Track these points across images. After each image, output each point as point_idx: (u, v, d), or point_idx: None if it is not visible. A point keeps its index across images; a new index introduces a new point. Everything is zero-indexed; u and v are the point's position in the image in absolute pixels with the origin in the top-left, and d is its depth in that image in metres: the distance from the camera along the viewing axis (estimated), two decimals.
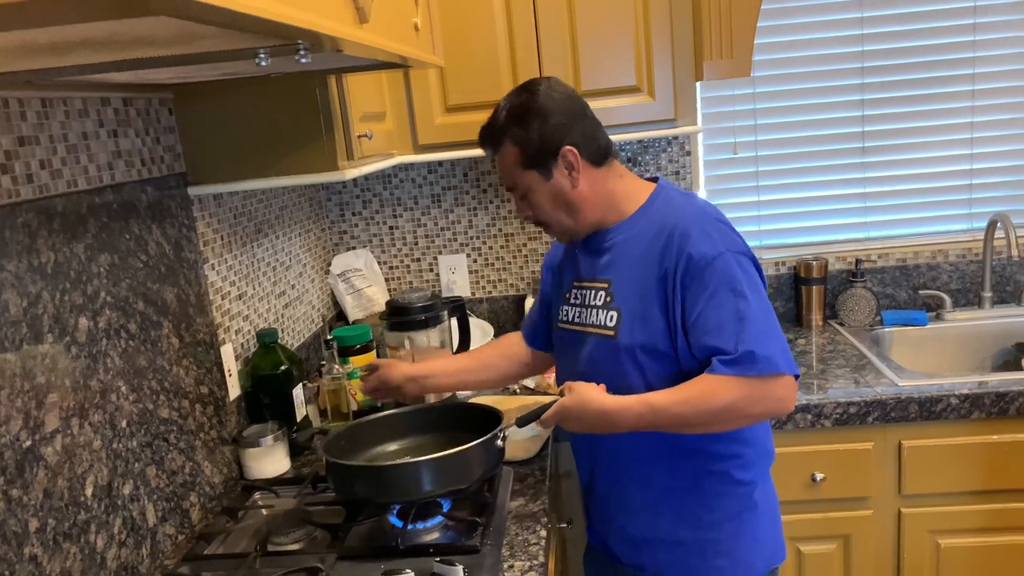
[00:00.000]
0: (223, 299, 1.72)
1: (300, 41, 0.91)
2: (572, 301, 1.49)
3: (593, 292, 1.45)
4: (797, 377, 1.32)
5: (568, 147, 1.37)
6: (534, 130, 1.36)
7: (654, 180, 1.47)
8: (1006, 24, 2.31)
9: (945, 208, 2.46)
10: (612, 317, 1.39)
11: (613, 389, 1.35)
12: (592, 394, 1.33)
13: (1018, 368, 2.21)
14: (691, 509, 1.41)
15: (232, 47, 0.89)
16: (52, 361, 1.17)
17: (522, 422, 1.44)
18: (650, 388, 1.34)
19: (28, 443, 1.10)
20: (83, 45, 0.77)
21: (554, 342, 1.59)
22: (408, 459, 1.40)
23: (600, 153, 1.41)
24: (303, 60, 0.98)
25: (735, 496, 1.40)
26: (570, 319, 1.49)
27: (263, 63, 0.98)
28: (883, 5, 2.33)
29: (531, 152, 1.37)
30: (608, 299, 1.41)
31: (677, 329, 1.33)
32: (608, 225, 1.42)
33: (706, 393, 1.27)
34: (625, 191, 1.43)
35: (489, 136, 1.42)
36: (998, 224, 2.26)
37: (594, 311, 1.43)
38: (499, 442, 1.41)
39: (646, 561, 1.46)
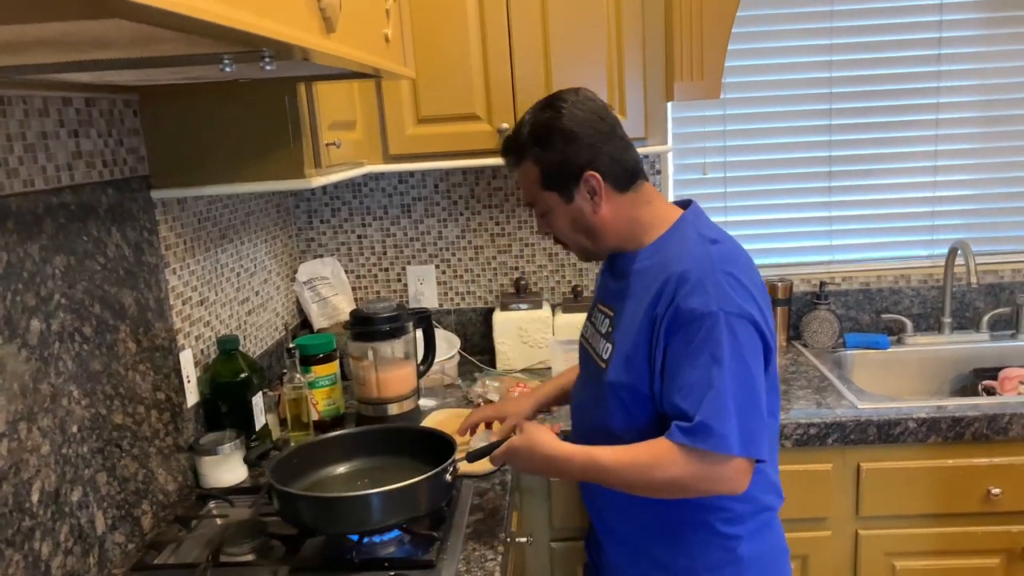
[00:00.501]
0: (184, 304, 1.69)
1: (264, 49, 0.90)
2: (591, 319, 1.49)
3: (602, 317, 1.43)
4: (759, 460, 1.24)
5: (591, 172, 1.31)
6: (557, 152, 1.31)
7: (687, 204, 1.40)
8: (970, 56, 2.36)
9: (908, 234, 2.50)
10: (607, 349, 1.38)
11: (598, 421, 1.35)
12: (543, 438, 1.32)
13: (975, 393, 2.25)
14: (669, 554, 1.38)
15: (193, 51, 0.88)
16: (1, 364, 1.14)
17: (472, 458, 1.45)
18: (634, 425, 1.31)
19: None
20: (38, 44, 0.76)
21: (579, 353, 1.57)
22: (356, 491, 1.36)
23: (626, 178, 1.35)
24: (268, 68, 0.97)
25: (718, 548, 1.35)
26: (587, 337, 1.50)
27: (227, 69, 0.97)
28: (851, 33, 2.37)
29: (552, 174, 1.33)
30: (609, 329, 1.39)
31: (656, 376, 1.28)
32: (631, 248, 1.37)
33: (653, 461, 1.23)
34: (650, 219, 1.36)
35: (511, 150, 1.39)
36: (958, 251, 2.30)
37: (598, 337, 1.43)
38: (447, 476, 1.40)
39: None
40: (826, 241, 2.52)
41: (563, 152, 1.31)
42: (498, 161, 2.01)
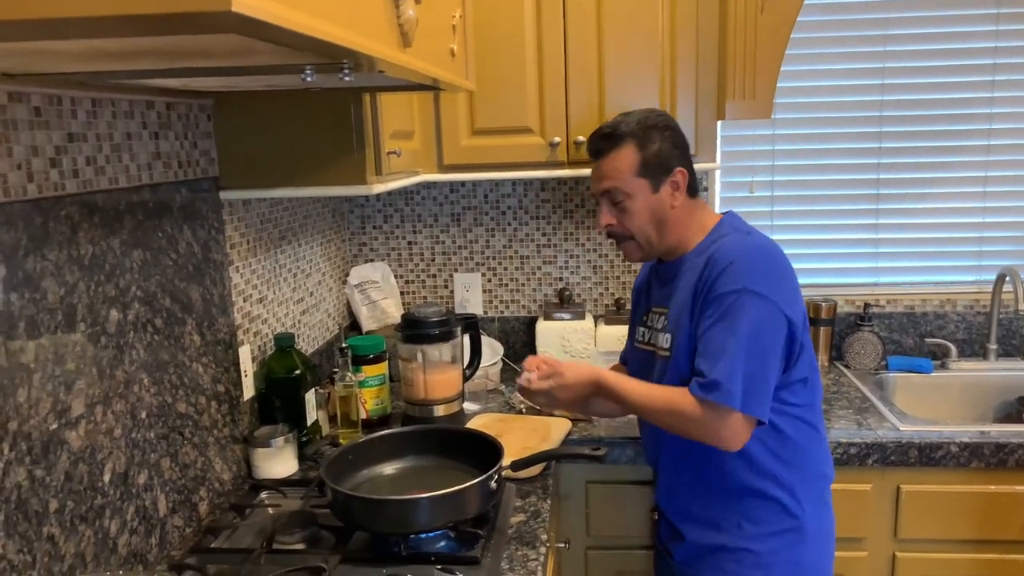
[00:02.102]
0: (245, 301, 1.76)
1: (345, 60, 0.96)
2: (647, 323, 1.62)
3: (658, 317, 1.58)
4: (760, 422, 1.41)
5: (681, 169, 1.51)
6: (659, 143, 1.50)
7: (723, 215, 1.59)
8: None
9: (955, 259, 2.50)
10: (667, 339, 1.52)
11: None
12: (575, 370, 1.54)
13: (1019, 421, 2.23)
14: (734, 518, 1.51)
15: (283, 62, 0.94)
16: (82, 349, 1.21)
17: (517, 467, 1.51)
18: None
19: (54, 426, 1.15)
20: (147, 53, 0.82)
21: (629, 360, 1.72)
22: (406, 495, 1.43)
23: (695, 187, 1.56)
24: (346, 78, 1.03)
25: (781, 515, 1.49)
26: (644, 340, 1.62)
27: (308, 79, 1.03)
28: (904, 57, 2.38)
29: (651, 161, 1.50)
30: (665, 323, 1.54)
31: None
32: (678, 254, 1.54)
33: (668, 402, 1.43)
34: (700, 224, 1.54)
35: (609, 135, 1.52)
36: (1007, 278, 2.29)
37: (657, 334, 1.57)
38: (492, 484, 1.45)
39: (689, 559, 1.57)
40: (872, 263, 2.52)
41: (664, 145, 1.50)
42: (549, 173, 2.09)
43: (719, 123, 2.22)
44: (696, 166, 2.06)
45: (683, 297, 1.49)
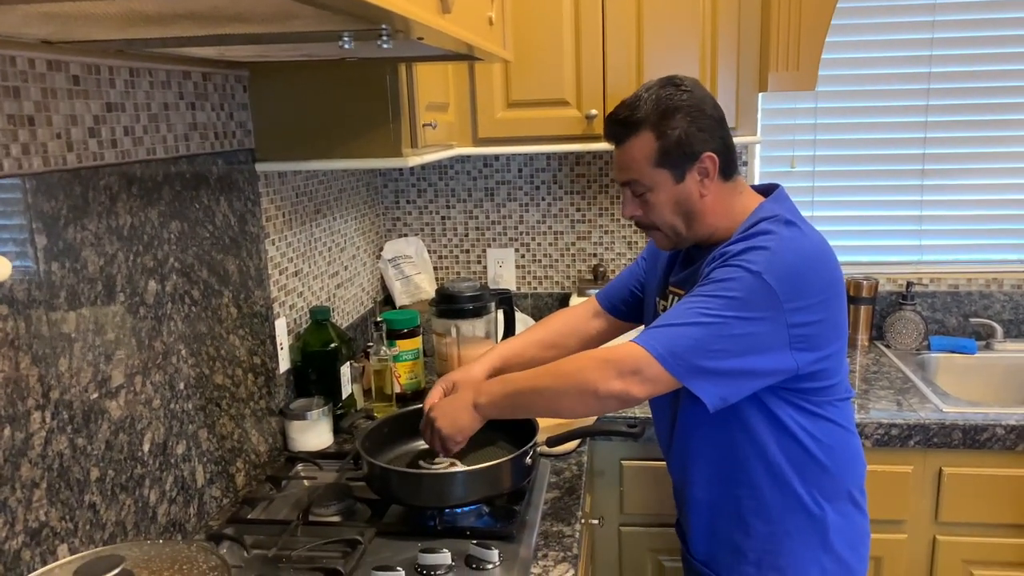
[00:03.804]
0: (280, 274, 1.76)
1: (384, 26, 0.94)
2: (666, 299, 1.49)
3: (675, 299, 1.45)
4: (667, 368, 1.21)
5: (709, 153, 1.31)
6: (679, 128, 1.30)
7: (771, 188, 1.41)
8: None
9: (1002, 236, 2.42)
10: None
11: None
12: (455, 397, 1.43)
13: None
14: (752, 518, 1.40)
15: (321, 28, 0.92)
16: (122, 320, 1.22)
17: (552, 442, 1.48)
18: None
19: (95, 396, 1.16)
20: (185, 17, 0.81)
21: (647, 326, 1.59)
22: (442, 469, 1.43)
23: (732, 167, 1.36)
24: (384, 46, 1.01)
25: (803, 514, 1.37)
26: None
27: (346, 46, 1.02)
28: (954, 27, 2.30)
29: (670, 150, 1.31)
30: None
31: None
32: (712, 242, 1.37)
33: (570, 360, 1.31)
34: (740, 209, 1.36)
35: (623, 123, 1.34)
36: None
37: None
38: (528, 459, 1.43)
39: (710, 560, 1.47)
40: (915, 241, 2.46)
41: (686, 129, 1.30)
42: (585, 147, 2.05)
43: (760, 95, 2.17)
44: (736, 139, 2.03)
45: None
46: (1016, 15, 2.27)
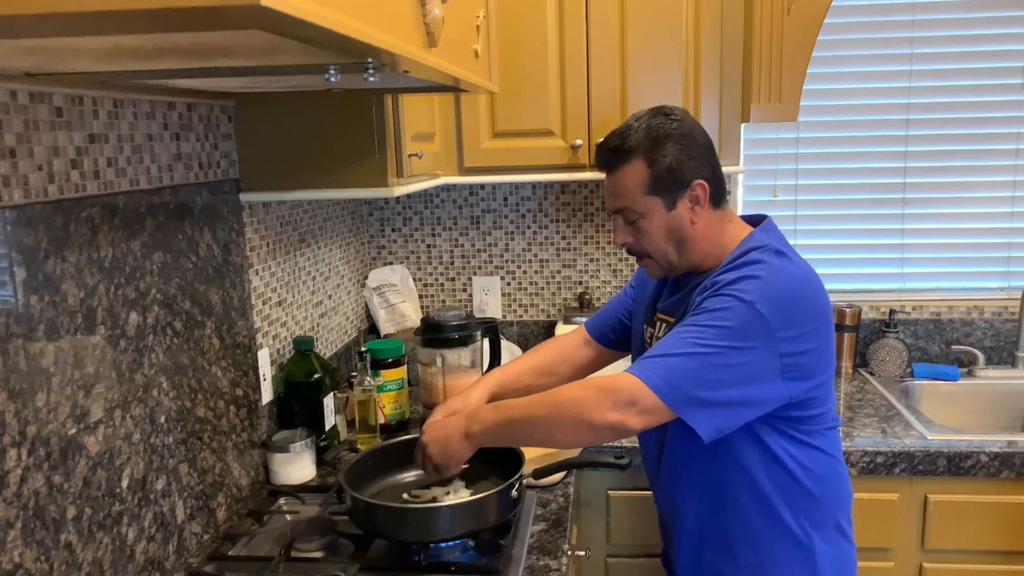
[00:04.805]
0: (264, 304, 1.75)
1: (370, 60, 0.94)
2: (654, 326, 1.49)
3: (663, 326, 1.45)
4: (663, 398, 1.21)
5: (700, 181, 1.33)
6: (670, 156, 1.32)
7: (759, 219, 1.43)
8: None
9: (983, 265, 2.45)
10: None
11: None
12: (445, 425, 1.43)
13: None
14: (740, 546, 1.39)
15: (307, 62, 0.92)
16: (102, 353, 1.20)
17: (539, 474, 1.47)
18: None
19: (73, 431, 1.13)
20: (170, 51, 0.81)
21: (634, 358, 1.57)
22: (426, 504, 1.42)
23: (721, 195, 1.38)
24: (371, 79, 1.01)
25: (790, 543, 1.36)
26: (650, 344, 1.49)
27: (332, 79, 1.02)
28: (932, 60, 2.34)
29: (663, 177, 1.32)
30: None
31: None
32: (704, 269, 1.38)
33: (563, 389, 1.32)
34: (730, 238, 1.38)
35: (615, 151, 1.35)
36: None
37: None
38: (514, 492, 1.42)
39: None
40: (897, 268, 2.48)
41: (677, 157, 1.32)
42: (570, 176, 2.06)
43: (743, 126, 2.19)
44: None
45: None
46: (994, 48, 2.32)
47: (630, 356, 1.62)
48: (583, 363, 1.66)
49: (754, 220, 1.44)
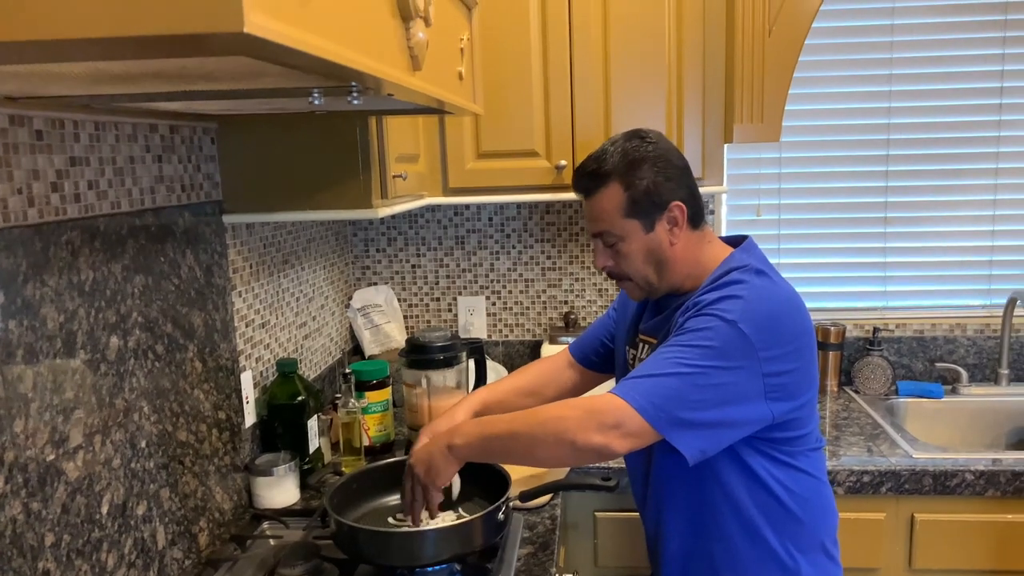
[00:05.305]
0: (247, 326, 1.73)
1: (354, 84, 0.94)
2: (635, 347, 1.49)
3: (645, 347, 1.45)
4: (647, 420, 1.20)
5: (678, 202, 1.34)
6: (647, 178, 1.32)
7: (740, 240, 1.43)
8: None
9: (965, 283, 2.47)
10: None
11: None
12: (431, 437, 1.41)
13: None
14: (726, 571, 1.38)
15: (291, 85, 0.92)
16: (81, 377, 1.18)
17: (525, 497, 1.46)
18: None
19: (51, 457, 1.11)
20: (152, 76, 0.80)
21: (617, 380, 1.57)
22: (411, 527, 1.40)
23: (699, 216, 1.39)
24: (355, 102, 1.01)
25: (775, 565, 1.36)
26: (632, 364, 1.49)
27: (316, 102, 1.01)
28: (911, 81, 2.37)
29: (639, 200, 1.33)
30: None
31: None
32: (684, 291, 1.39)
33: (548, 407, 1.31)
34: (710, 258, 1.38)
35: (591, 175, 1.36)
36: (1018, 302, 2.26)
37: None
38: (500, 515, 1.41)
39: None
40: (880, 287, 2.50)
41: (654, 179, 1.33)
42: (555, 196, 2.07)
43: (725, 146, 2.20)
44: (703, 189, 2.04)
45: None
46: (971, 69, 2.35)
47: (614, 379, 1.62)
48: (567, 386, 1.66)
49: (735, 241, 1.44)
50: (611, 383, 1.57)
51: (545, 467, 1.47)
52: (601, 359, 1.64)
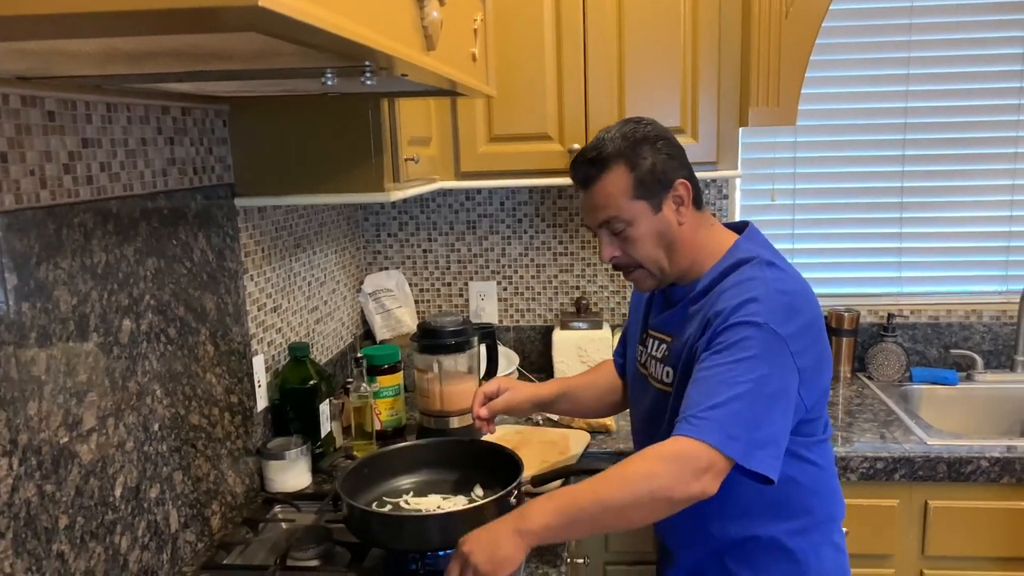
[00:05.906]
0: (259, 310, 1.73)
1: (368, 63, 0.93)
2: (645, 345, 1.47)
3: (657, 343, 1.43)
4: (765, 479, 1.19)
5: (682, 180, 1.32)
6: (650, 157, 1.31)
7: (741, 226, 1.41)
8: None
9: (981, 268, 2.44)
10: (668, 373, 1.37)
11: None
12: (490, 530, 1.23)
13: None
14: (735, 564, 1.37)
15: (304, 65, 0.91)
16: (95, 360, 1.18)
17: (537, 482, 1.45)
18: None
19: (65, 439, 1.12)
20: (164, 55, 0.79)
21: (628, 380, 1.58)
22: (424, 511, 1.40)
23: (700, 197, 1.38)
24: (368, 82, 1.00)
25: (785, 561, 1.35)
26: (642, 362, 1.48)
27: (329, 82, 1.00)
28: (929, 64, 2.34)
29: (646, 179, 1.31)
30: (667, 354, 1.39)
31: None
32: (691, 278, 1.37)
33: (626, 466, 1.20)
34: (711, 246, 1.36)
35: (593, 161, 1.33)
36: None
37: (655, 362, 1.42)
38: (512, 499, 1.39)
39: None
40: (895, 272, 2.48)
41: (656, 158, 1.31)
42: (567, 180, 2.04)
43: (741, 130, 2.18)
44: (717, 174, 2.05)
45: (691, 331, 1.31)
46: (991, 52, 2.32)
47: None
48: (620, 397, 1.66)
49: (737, 227, 1.43)
50: None
51: (636, 527, 1.40)
52: None
